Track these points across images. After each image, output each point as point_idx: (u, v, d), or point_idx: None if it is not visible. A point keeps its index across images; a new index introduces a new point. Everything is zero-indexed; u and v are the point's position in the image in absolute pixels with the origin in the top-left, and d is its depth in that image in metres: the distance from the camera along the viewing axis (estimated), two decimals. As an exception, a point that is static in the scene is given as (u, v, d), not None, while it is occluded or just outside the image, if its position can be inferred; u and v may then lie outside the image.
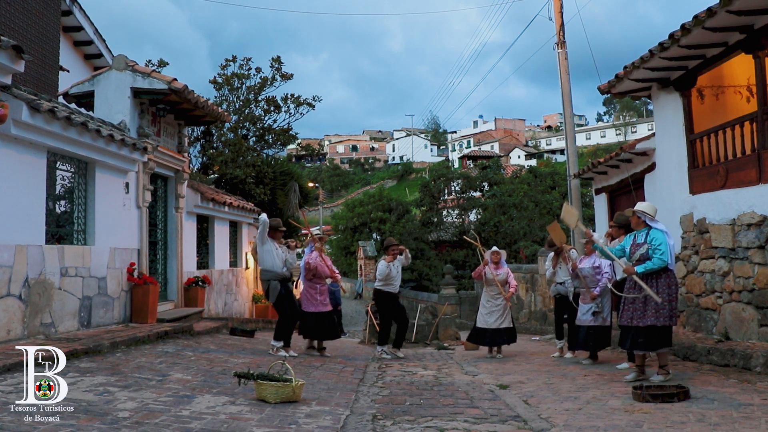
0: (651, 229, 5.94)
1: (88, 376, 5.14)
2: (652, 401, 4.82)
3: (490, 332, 8.72)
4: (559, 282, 8.44)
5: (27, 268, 6.65)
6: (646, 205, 6.11)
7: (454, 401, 5.29)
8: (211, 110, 10.80)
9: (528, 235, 25.54)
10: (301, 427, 4.05)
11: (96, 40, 12.32)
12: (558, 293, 8.51)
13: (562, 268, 8.37)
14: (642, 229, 6.02)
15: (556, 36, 13.54)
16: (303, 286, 8.43)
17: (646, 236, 5.91)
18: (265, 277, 7.90)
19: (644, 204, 6.17)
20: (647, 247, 5.83)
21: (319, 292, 8.35)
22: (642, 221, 6.01)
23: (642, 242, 5.92)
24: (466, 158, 65.62)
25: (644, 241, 5.90)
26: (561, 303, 8.52)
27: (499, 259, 9.02)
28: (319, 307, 8.29)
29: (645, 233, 5.95)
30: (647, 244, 5.84)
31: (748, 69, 7.68)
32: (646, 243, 5.87)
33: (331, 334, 8.44)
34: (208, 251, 12.78)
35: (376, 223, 31.12)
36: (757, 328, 6.77)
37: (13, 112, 6.29)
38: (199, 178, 15.98)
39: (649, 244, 5.82)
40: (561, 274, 8.41)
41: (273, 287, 7.81)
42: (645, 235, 5.94)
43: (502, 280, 8.81)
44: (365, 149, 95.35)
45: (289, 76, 20.31)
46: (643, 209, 6.02)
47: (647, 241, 5.86)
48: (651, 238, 5.85)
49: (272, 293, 7.84)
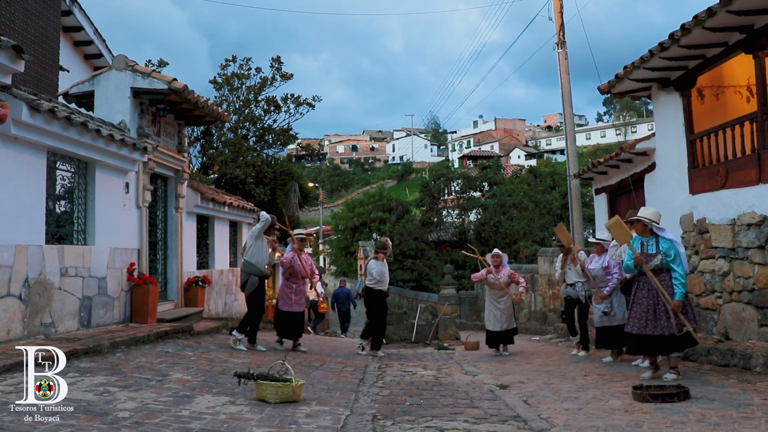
0: (659, 237, 5.86)
1: (88, 376, 5.14)
2: (652, 401, 4.83)
3: (500, 334, 9.01)
4: (569, 284, 8.46)
5: (27, 268, 6.65)
6: (652, 212, 6.02)
7: (454, 401, 5.29)
8: (211, 110, 10.79)
9: (528, 235, 25.53)
10: (301, 427, 4.05)
11: (96, 40, 12.31)
12: (568, 295, 8.53)
13: (571, 269, 8.40)
14: (649, 237, 5.92)
15: (556, 36, 13.54)
16: (280, 284, 8.70)
17: (657, 245, 5.82)
18: (247, 269, 8.11)
19: (650, 211, 6.06)
20: (661, 258, 5.74)
21: (294, 291, 8.59)
22: (649, 229, 5.94)
23: (654, 252, 5.81)
24: (466, 158, 65.62)
25: (656, 252, 5.79)
26: (570, 304, 8.59)
27: (500, 261, 9.08)
28: (293, 307, 8.55)
29: (654, 242, 5.86)
30: (660, 255, 5.75)
31: (748, 69, 7.68)
32: (659, 253, 5.77)
33: (294, 334, 8.64)
34: (208, 251, 12.77)
35: (376, 223, 31.10)
36: (757, 328, 6.77)
37: (13, 112, 6.29)
38: (199, 178, 15.98)
39: (663, 255, 5.74)
40: (571, 275, 8.43)
41: (251, 282, 8.03)
42: (655, 244, 5.84)
43: (504, 282, 8.92)
44: (365, 149, 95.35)
45: (289, 76, 20.30)
46: (650, 217, 5.92)
47: (660, 251, 5.77)
48: (664, 249, 5.75)
49: (249, 287, 8.04)
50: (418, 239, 27.98)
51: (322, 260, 45.40)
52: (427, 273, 27.22)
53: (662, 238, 5.84)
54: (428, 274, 27.16)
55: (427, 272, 27.24)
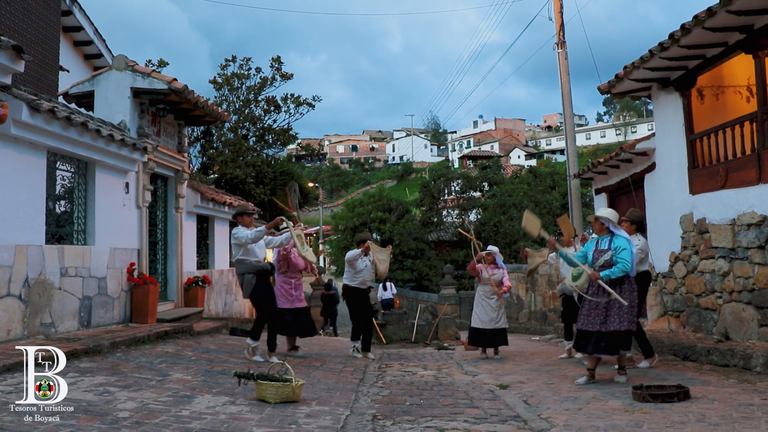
0: (614, 236, 6.03)
1: (88, 376, 5.14)
2: (652, 401, 4.83)
3: (488, 332, 8.58)
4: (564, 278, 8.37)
5: (27, 268, 6.65)
6: (610, 212, 6.28)
7: (454, 401, 5.29)
8: (211, 110, 10.80)
9: (528, 235, 25.51)
10: (301, 427, 4.05)
11: (96, 40, 12.32)
12: (563, 293, 8.43)
13: (564, 266, 8.33)
14: (605, 235, 6.12)
15: (556, 36, 13.54)
16: (277, 280, 7.98)
17: (610, 243, 6.00)
18: (240, 270, 7.11)
19: (607, 210, 6.39)
20: (611, 254, 5.91)
21: (294, 287, 7.95)
22: (606, 228, 6.11)
23: (606, 248, 6.00)
24: (466, 158, 65.65)
25: (608, 248, 5.99)
26: (568, 302, 8.35)
27: (494, 259, 8.91)
28: (295, 303, 7.90)
29: (608, 240, 6.04)
30: (611, 251, 5.93)
31: (748, 69, 7.68)
32: (610, 250, 5.96)
33: (308, 331, 8.07)
34: (208, 251, 12.78)
35: (376, 223, 31.06)
36: (757, 328, 6.77)
37: (13, 112, 6.29)
38: (199, 178, 15.99)
39: (614, 251, 5.91)
40: (566, 271, 8.35)
41: (247, 281, 7.03)
42: (608, 242, 6.03)
43: (497, 280, 8.70)
44: (365, 149, 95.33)
45: (289, 76, 20.33)
46: (607, 216, 6.15)
47: (611, 248, 5.95)
48: (615, 245, 5.94)
49: (246, 287, 7.05)
50: (418, 239, 27.97)
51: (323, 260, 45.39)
52: (427, 273, 27.21)
53: (617, 236, 6.02)
54: (428, 274, 27.14)
55: (427, 272, 27.22)
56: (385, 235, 29.63)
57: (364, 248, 8.41)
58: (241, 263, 7.07)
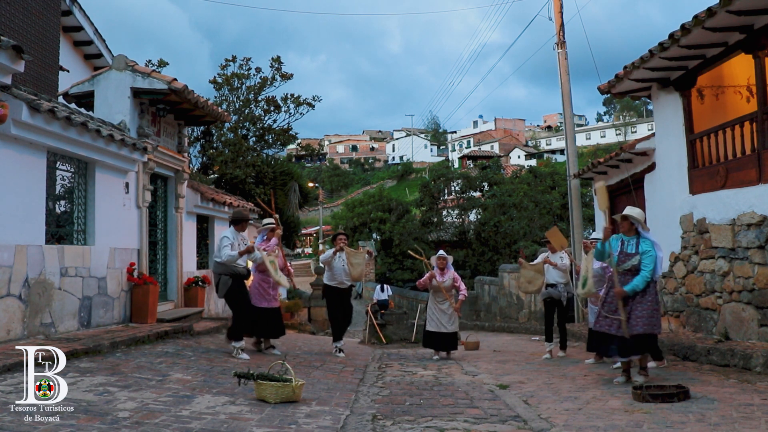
0: (641, 238, 5.79)
1: (88, 376, 5.14)
2: (652, 401, 4.83)
3: (441, 336, 8.73)
4: (549, 284, 8.42)
5: (27, 268, 6.65)
6: (638, 212, 5.93)
7: (454, 401, 5.29)
8: (211, 110, 10.80)
9: (528, 235, 25.50)
10: (301, 427, 4.05)
11: (96, 40, 12.32)
12: (549, 296, 8.48)
13: (550, 271, 8.37)
14: (632, 236, 5.86)
15: (556, 36, 13.54)
16: (254, 278, 8.08)
17: (637, 246, 5.76)
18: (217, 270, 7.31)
19: (636, 210, 5.97)
20: (639, 260, 5.69)
21: (271, 286, 8.03)
22: (634, 228, 5.86)
23: (633, 253, 5.75)
24: (466, 158, 65.65)
25: (635, 252, 5.74)
26: (550, 305, 8.54)
27: (445, 264, 8.90)
28: (271, 303, 8.01)
29: (635, 243, 5.79)
30: (638, 256, 5.70)
31: (748, 69, 7.68)
32: (637, 254, 5.71)
33: (278, 332, 8.13)
34: (208, 251, 12.77)
35: (376, 223, 31.10)
36: (757, 328, 6.77)
37: (13, 112, 6.29)
38: (199, 178, 15.99)
39: (641, 255, 5.68)
40: (552, 276, 8.39)
41: (223, 282, 7.22)
42: (635, 245, 5.78)
43: (447, 286, 8.71)
44: (365, 149, 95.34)
45: (289, 76, 20.33)
46: (636, 216, 5.86)
47: (639, 253, 5.71)
48: (643, 251, 5.70)
49: (222, 287, 7.24)
50: (418, 239, 27.96)
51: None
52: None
53: (644, 240, 5.78)
54: (428, 274, 27.12)
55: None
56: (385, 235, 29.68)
57: (338, 244, 8.34)
58: (220, 265, 7.26)
